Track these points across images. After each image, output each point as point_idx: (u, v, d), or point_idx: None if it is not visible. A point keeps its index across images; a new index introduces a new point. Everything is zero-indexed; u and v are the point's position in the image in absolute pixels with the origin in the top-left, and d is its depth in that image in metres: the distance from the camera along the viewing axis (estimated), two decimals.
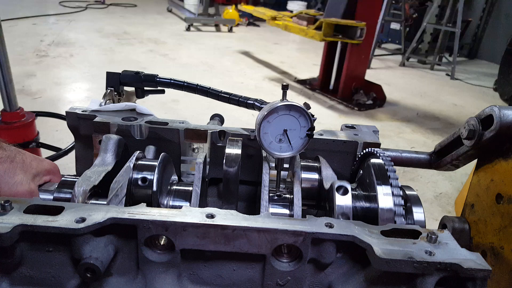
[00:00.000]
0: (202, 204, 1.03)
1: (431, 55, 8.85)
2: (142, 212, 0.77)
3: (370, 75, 6.41)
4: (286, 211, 0.99)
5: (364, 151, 1.12)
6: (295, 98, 6.02)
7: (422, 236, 0.78)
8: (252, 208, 1.29)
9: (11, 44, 4.47)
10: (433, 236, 0.76)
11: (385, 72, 8.13)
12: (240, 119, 4.25)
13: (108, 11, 11.80)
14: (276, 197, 1.03)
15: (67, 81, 5.87)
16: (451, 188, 3.91)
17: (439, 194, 3.81)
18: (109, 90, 1.42)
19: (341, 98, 5.99)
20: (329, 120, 5.27)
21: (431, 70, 8.59)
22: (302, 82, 6.79)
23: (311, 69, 7.48)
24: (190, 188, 1.01)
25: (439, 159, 1.28)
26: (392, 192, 0.92)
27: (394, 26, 9.90)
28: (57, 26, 9.20)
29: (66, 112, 1.28)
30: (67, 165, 3.18)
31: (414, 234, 0.79)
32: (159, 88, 1.50)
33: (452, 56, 8.04)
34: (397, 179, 0.96)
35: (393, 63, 8.93)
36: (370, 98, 5.94)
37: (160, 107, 4.99)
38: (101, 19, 10.50)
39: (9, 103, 2.66)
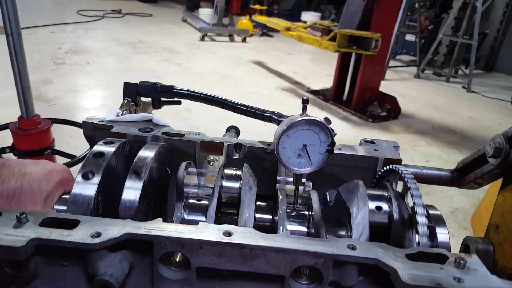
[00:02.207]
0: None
1: (446, 67, 8.75)
2: (158, 228, 0.75)
3: (385, 87, 6.36)
4: (304, 229, 0.96)
5: (386, 168, 1.08)
6: (307, 108, 5.99)
7: (449, 260, 0.74)
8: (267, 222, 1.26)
9: (30, 52, 4.56)
10: (461, 262, 0.72)
11: (399, 83, 8.06)
12: (252, 129, 4.25)
13: (124, 20, 12.02)
14: (294, 213, 1.01)
15: (83, 88, 5.96)
16: (468, 203, 3.81)
17: (455, 209, 3.72)
18: (126, 101, 1.41)
19: (355, 109, 5.94)
20: (343, 131, 5.22)
21: (446, 83, 8.48)
22: (315, 92, 6.77)
23: (324, 80, 7.46)
24: (206, 202, 0.99)
25: (461, 177, 1.23)
26: (416, 212, 0.89)
27: (409, 37, 9.84)
28: (74, 35, 9.39)
29: (83, 121, 1.28)
30: None
31: (440, 258, 0.75)
32: (175, 99, 1.49)
33: (469, 68, 7.93)
34: (420, 197, 0.92)
35: (408, 74, 8.86)
36: (385, 109, 5.87)
37: (174, 116, 5.02)
38: (117, 28, 10.70)
39: (26, 110, 2.69)
